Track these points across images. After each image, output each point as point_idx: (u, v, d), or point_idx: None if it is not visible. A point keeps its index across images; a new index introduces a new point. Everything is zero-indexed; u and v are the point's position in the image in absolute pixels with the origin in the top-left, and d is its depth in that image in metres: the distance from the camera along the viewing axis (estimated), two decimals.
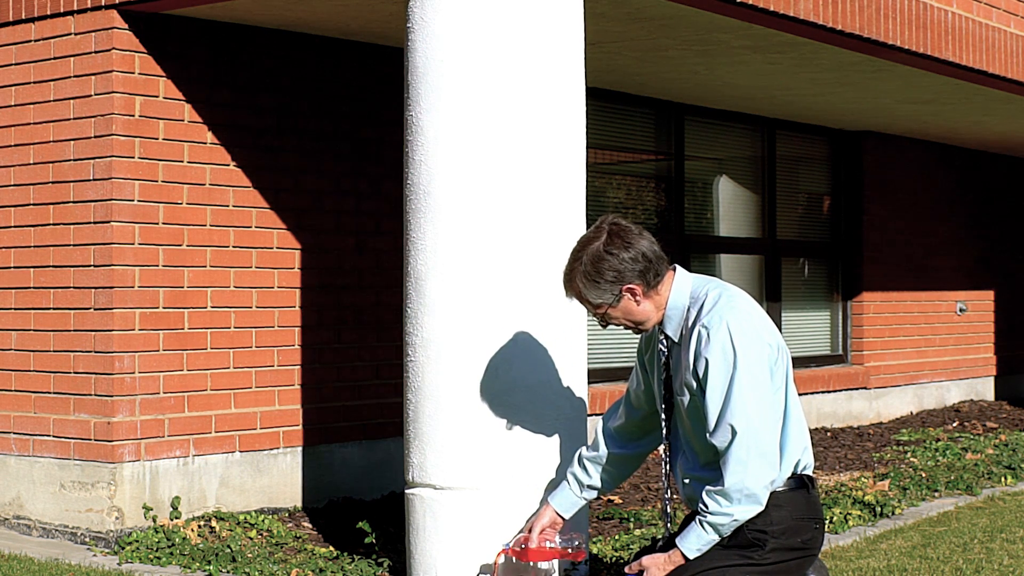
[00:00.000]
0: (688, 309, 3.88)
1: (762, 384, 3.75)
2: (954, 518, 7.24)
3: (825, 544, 4.09)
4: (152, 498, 6.69)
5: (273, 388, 7.24)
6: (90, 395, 6.67)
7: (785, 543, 3.79)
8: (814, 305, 11.69)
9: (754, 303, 3.90)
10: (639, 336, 4.17)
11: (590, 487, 4.33)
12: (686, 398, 3.85)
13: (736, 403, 3.72)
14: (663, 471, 4.03)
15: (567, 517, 4.36)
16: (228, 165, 7.09)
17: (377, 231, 7.74)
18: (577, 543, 4.41)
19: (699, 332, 3.79)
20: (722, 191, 10.85)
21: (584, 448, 4.38)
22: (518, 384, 5.20)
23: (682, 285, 3.92)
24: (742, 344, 3.75)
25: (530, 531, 4.37)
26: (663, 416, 4.00)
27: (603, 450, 4.29)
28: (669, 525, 4.11)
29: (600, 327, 4.04)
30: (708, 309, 3.81)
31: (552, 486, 4.98)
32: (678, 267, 3.97)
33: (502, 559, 4.52)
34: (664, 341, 3.95)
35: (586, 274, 3.88)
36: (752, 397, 3.72)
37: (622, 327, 3.98)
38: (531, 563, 4.47)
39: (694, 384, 3.81)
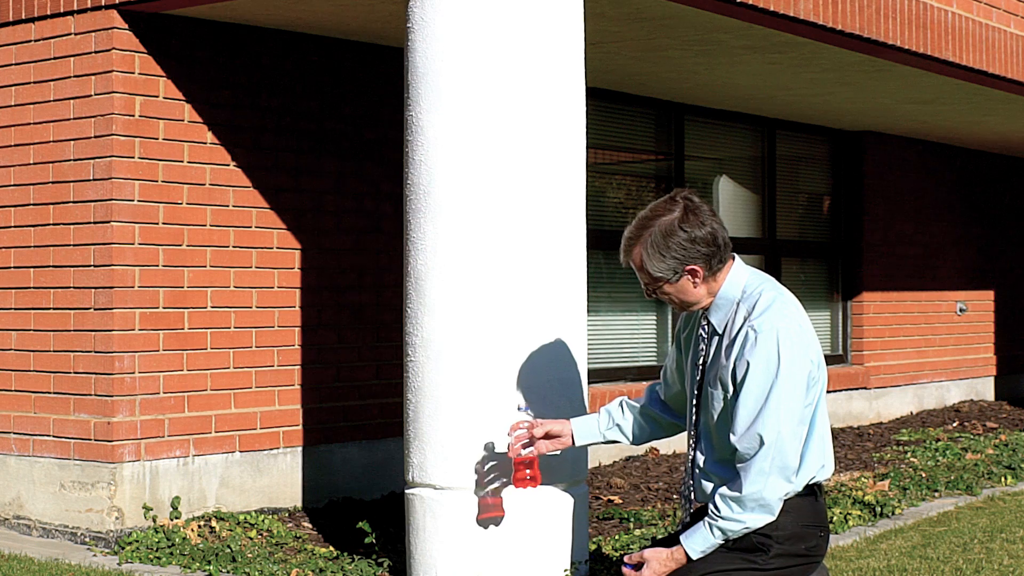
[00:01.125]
0: (738, 303, 3.81)
1: (797, 399, 3.70)
2: (954, 518, 7.24)
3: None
4: (152, 498, 6.69)
5: (273, 388, 7.24)
6: (90, 395, 6.67)
7: (789, 549, 3.77)
8: (814, 305, 11.69)
9: (804, 314, 3.82)
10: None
11: (618, 427, 4.22)
12: (718, 392, 3.79)
13: (770, 414, 3.66)
14: (688, 457, 3.96)
15: (579, 442, 4.25)
16: (228, 165, 7.09)
17: (377, 231, 7.74)
18: (528, 473, 4.33)
19: (747, 333, 3.72)
20: (722, 191, 10.85)
21: (626, 397, 4.31)
22: (518, 384, 5.19)
23: (738, 277, 3.85)
24: (788, 355, 3.68)
25: (538, 425, 4.25)
26: (692, 402, 3.93)
27: (645, 403, 4.22)
28: (690, 509, 4.01)
29: (646, 297, 3.94)
30: (760, 311, 3.73)
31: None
32: (737, 257, 3.91)
33: (523, 417, 4.40)
34: (706, 327, 3.89)
35: (654, 244, 3.77)
36: (786, 411, 3.67)
37: (666, 301, 3.90)
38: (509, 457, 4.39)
39: (729, 383, 3.75)
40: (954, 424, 11.42)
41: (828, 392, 11.24)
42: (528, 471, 4.31)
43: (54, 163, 6.85)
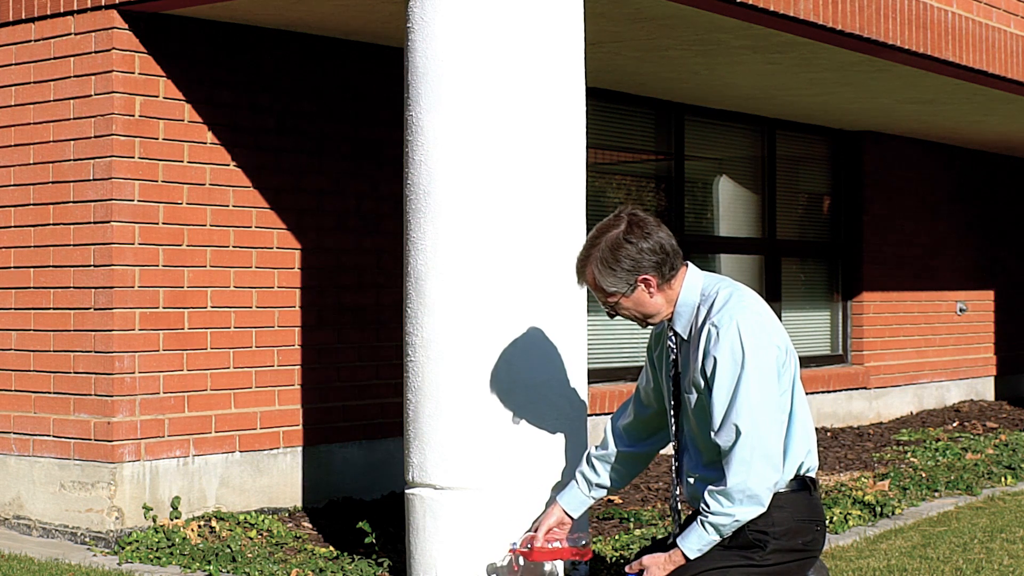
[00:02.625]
0: (698, 307, 3.87)
1: (769, 385, 3.74)
2: (954, 518, 7.24)
3: (825, 544, 4.07)
4: (152, 498, 6.69)
5: (273, 388, 7.24)
6: (90, 395, 6.67)
7: (786, 544, 3.78)
8: (814, 305, 11.69)
9: (764, 304, 3.88)
10: (648, 334, 4.16)
11: (599, 486, 4.30)
12: (693, 396, 3.84)
13: (742, 403, 3.70)
14: (672, 467, 4.01)
15: (575, 516, 4.34)
16: (228, 165, 7.09)
17: (377, 231, 7.74)
18: (584, 542, 4.40)
19: (708, 330, 3.78)
20: (722, 191, 10.85)
21: (593, 447, 4.36)
22: (518, 384, 5.20)
23: (694, 282, 3.91)
24: (751, 344, 3.73)
25: (536, 530, 4.35)
26: (671, 413, 3.98)
27: (612, 448, 4.27)
28: (680, 521, 4.08)
29: (608, 317, 4.01)
30: (719, 307, 3.80)
31: (559, 487, 4.97)
32: (691, 264, 3.95)
33: (509, 558, 4.52)
34: (673, 338, 3.93)
35: (603, 260, 3.84)
36: (758, 398, 3.71)
37: (630, 319, 3.95)
38: (537, 563, 4.46)
39: (701, 382, 3.80)
40: (954, 424, 11.42)
41: (828, 392, 11.31)
42: (576, 549, 4.38)
43: (54, 163, 6.85)
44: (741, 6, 6.89)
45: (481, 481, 5.22)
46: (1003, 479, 8.50)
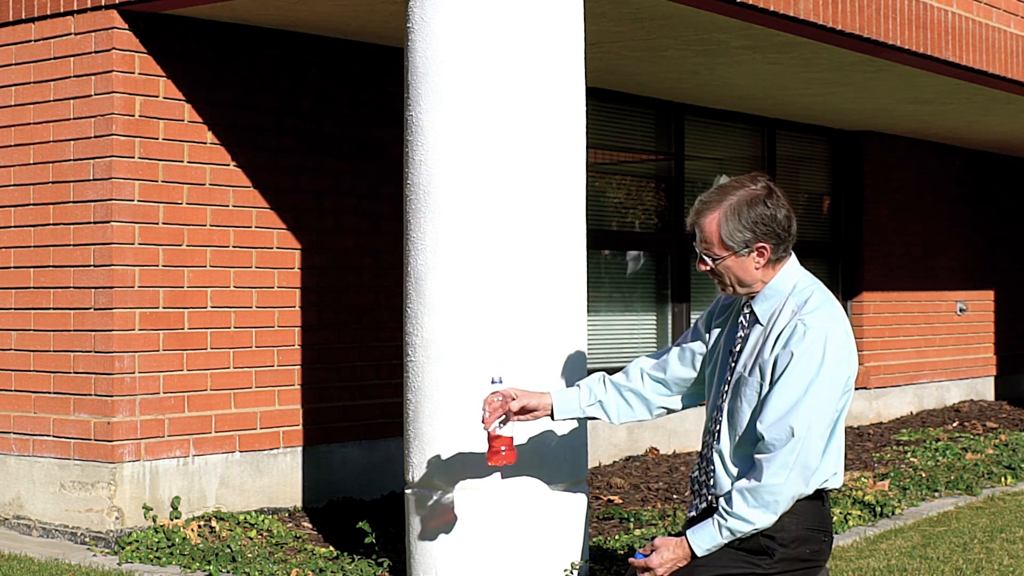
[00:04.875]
0: (787, 297, 3.81)
1: (831, 402, 3.70)
2: (954, 518, 7.24)
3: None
4: (152, 498, 6.69)
5: (273, 388, 7.24)
6: (90, 395, 6.67)
7: (793, 553, 3.75)
8: None
9: (849, 325, 3.84)
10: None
11: (600, 403, 4.12)
12: (754, 379, 3.75)
13: (804, 408, 3.65)
14: (704, 442, 3.91)
15: (558, 416, 4.14)
16: (228, 165, 7.09)
17: (377, 231, 7.74)
18: (503, 451, 4.15)
19: (796, 325, 3.71)
20: None
21: (606, 374, 4.22)
22: (518, 384, 5.19)
23: (791, 273, 3.85)
24: (833, 358, 3.69)
25: (515, 398, 4.10)
26: (723, 388, 3.88)
27: (632, 384, 4.12)
28: (702, 492, 3.95)
29: (698, 269, 3.83)
30: (812, 309, 3.74)
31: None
32: (794, 255, 3.91)
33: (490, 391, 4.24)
34: (748, 316, 3.87)
35: (736, 209, 3.71)
36: (819, 411, 3.67)
37: (716, 280, 3.82)
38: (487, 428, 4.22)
39: (768, 372, 3.73)
40: (954, 424, 11.42)
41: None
42: (503, 447, 4.14)
43: (54, 163, 6.85)
44: (741, 6, 6.89)
45: (481, 481, 5.22)
46: (1003, 479, 8.50)
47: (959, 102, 10.26)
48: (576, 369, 5.37)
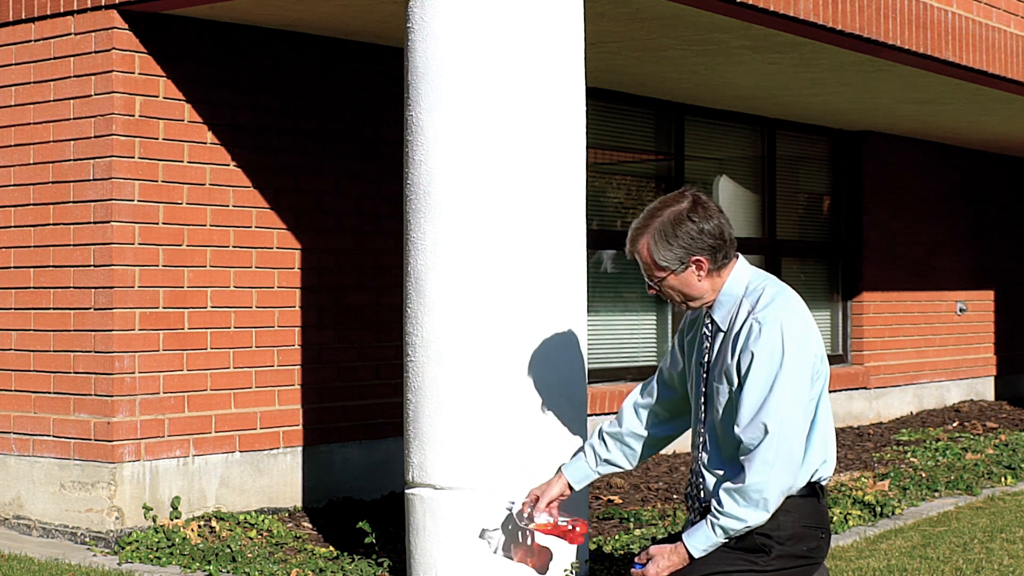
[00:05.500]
0: (742, 300, 3.83)
1: (801, 390, 3.71)
2: (954, 518, 7.24)
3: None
4: (152, 498, 6.69)
5: (273, 388, 7.24)
6: (90, 395, 6.67)
7: (790, 550, 3.76)
8: (814, 305, 11.68)
9: (807, 309, 3.85)
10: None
11: (607, 461, 4.20)
12: (723, 387, 3.79)
13: (774, 403, 3.67)
14: (694, 457, 3.96)
15: (577, 488, 4.23)
16: (228, 165, 7.09)
17: (377, 231, 7.74)
18: (577, 528, 4.28)
19: (751, 325, 3.74)
20: (722, 191, 10.85)
21: (606, 423, 4.28)
22: (518, 384, 5.19)
23: (741, 274, 3.88)
24: (791, 347, 3.71)
25: (538, 498, 4.26)
26: (700, 402, 3.92)
27: (627, 427, 4.18)
28: (697, 508, 3.99)
29: (648, 293, 3.95)
30: (764, 305, 3.76)
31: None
32: (741, 256, 3.93)
33: (507, 516, 4.36)
34: (709, 326, 3.90)
35: (662, 232, 3.78)
36: (790, 401, 3.68)
37: (669, 299, 3.88)
38: (524, 531, 4.35)
39: (734, 376, 3.75)
40: (954, 424, 11.42)
41: (828, 392, 11.28)
42: (570, 526, 4.26)
43: (54, 163, 6.85)
44: (741, 6, 6.89)
45: (481, 481, 5.22)
46: (1003, 479, 8.50)
47: (959, 102, 10.26)
48: (576, 369, 5.37)
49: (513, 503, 4.34)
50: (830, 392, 11.17)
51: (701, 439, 3.91)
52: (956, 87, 9.50)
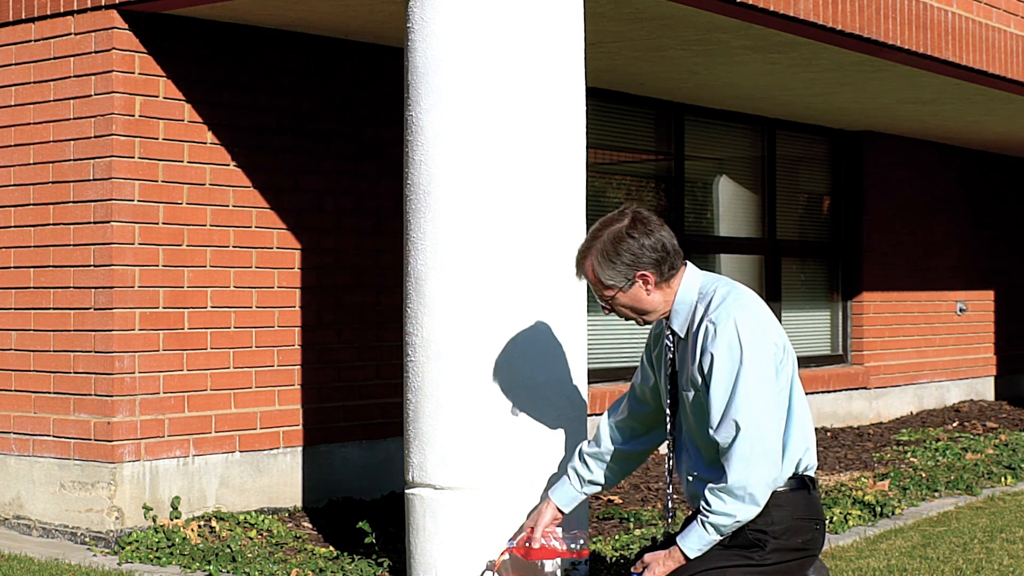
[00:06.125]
0: (696, 305, 3.87)
1: (767, 382, 3.74)
2: (954, 518, 7.24)
3: (825, 544, 4.07)
4: (152, 498, 6.69)
5: (273, 388, 7.24)
6: (90, 395, 6.67)
7: (786, 543, 3.78)
8: (814, 305, 11.69)
9: (761, 302, 3.89)
10: (647, 332, 4.18)
11: (591, 482, 4.31)
12: (691, 394, 3.84)
13: (741, 399, 3.70)
14: (666, 468, 4.02)
15: (567, 511, 4.34)
16: (228, 165, 7.09)
17: (377, 231, 7.74)
18: (581, 542, 4.40)
19: (706, 327, 3.78)
20: (722, 191, 10.85)
21: (585, 443, 4.35)
22: (518, 384, 5.19)
23: (692, 281, 3.92)
24: (749, 341, 3.74)
25: (532, 529, 4.35)
26: (668, 412, 3.98)
27: (605, 445, 4.27)
28: (670, 522, 4.10)
29: (604, 313, 4.02)
30: (716, 305, 3.81)
31: (552, 481, 4.98)
32: (690, 263, 3.96)
33: (506, 557, 4.51)
34: (670, 336, 3.94)
35: (604, 252, 3.85)
36: (757, 394, 3.71)
37: (625, 316, 3.95)
38: (535, 562, 4.45)
39: (699, 380, 3.80)
40: (954, 424, 11.42)
41: (828, 392, 11.31)
42: (573, 547, 4.39)
43: (54, 163, 6.85)
44: (741, 6, 6.89)
45: (481, 481, 5.22)
46: (1003, 479, 8.50)
47: (959, 102, 10.26)
48: (576, 369, 5.37)
49: (511, 542, 4.45)
50: (830, 392, 11.26)
51: (672, 451, 3.98)
52: (956, 87, 9.50)
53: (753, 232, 11.00)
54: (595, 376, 8.95)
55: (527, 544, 4.35)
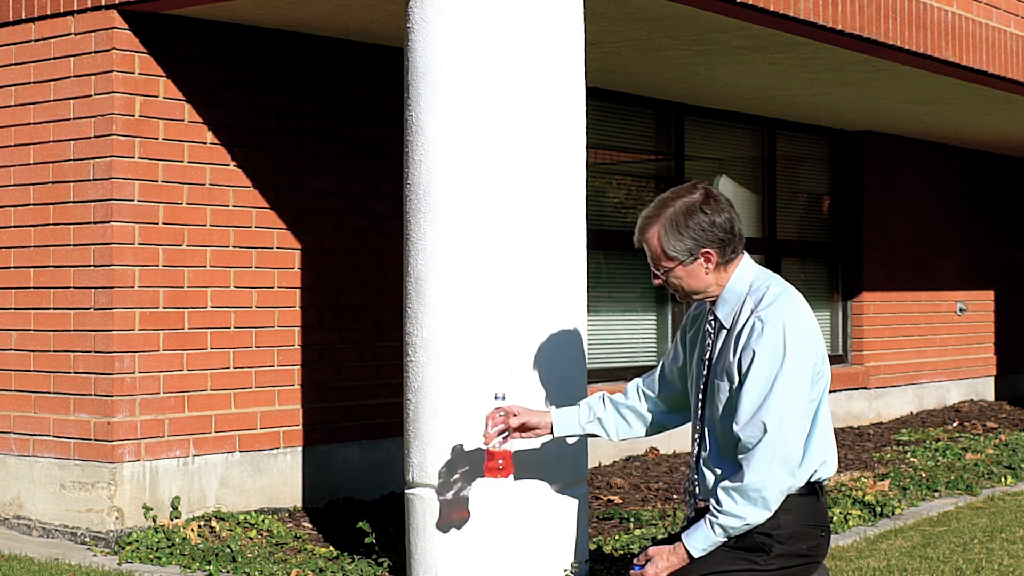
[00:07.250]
0: (745, 297, 3.83)
1: (802, 391, 3.71)
2: (954, 518, 7.24)
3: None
4: (152, 498, 6.69)
5: (273, 388, 7.24)
6: (90, 395, 6.67)
7: (791, 549, 3.76)
8: (814, 305, 11.67)
9: (809, 309, 3.83)
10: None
11: (599, 420, 4.23)
12: (724, 384, 3.79)
13: (774, 402, 3.67)
14: (692, 453, 3.96)
15: (557, 433, 4.26)
16: (228, 165, 7.09)
17: (377, 231, 7.74)
18: (500, 463, 4.27)
19: (753, 323, 3.73)
20: (722, 191, 10.76)
21: (607, 393, 4.31)
22: (518, 384, 5.19)
23: (745, 272, 3.87)
24: (793, 347, 3.70)
25: (517, 414, 4.24)
26: (698, 398, 3.93)
27: (630, 400, 4.22)
28: (695, 505, 4.00)
29: (653, 283, 3.93)
30: (767, 303, 3.76)
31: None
32: (746, 254, 3.92)
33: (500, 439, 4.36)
34: (712, 323, 3.90)
35: (674, 222, 3.77)
36: (790, 401, 3.68)
37: (674, 291, 3.88)
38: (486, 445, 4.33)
39: (735, 373, 3.75)
40: (954, 424, 11.42)
41: (828, 392, 11.28)
42: (500, 461, 4.26)
43: (54, 163, 6.85)
44: (741, 6, 6.90)
45: (481, 481, 5.21)
46: (1003, 479, 8.50)
47: (959, 102, 10.27)
48: (576, 369, 5.37)
49: (501, 396, 4.33)
50: (830, 392, 11.22)
51: (699, 435, 3.91)
52: (956, 87, 9.50)
53: (753, 232, 11.00)
54: (595, 376, 8.95)
55: (503, 414, 4.21)
